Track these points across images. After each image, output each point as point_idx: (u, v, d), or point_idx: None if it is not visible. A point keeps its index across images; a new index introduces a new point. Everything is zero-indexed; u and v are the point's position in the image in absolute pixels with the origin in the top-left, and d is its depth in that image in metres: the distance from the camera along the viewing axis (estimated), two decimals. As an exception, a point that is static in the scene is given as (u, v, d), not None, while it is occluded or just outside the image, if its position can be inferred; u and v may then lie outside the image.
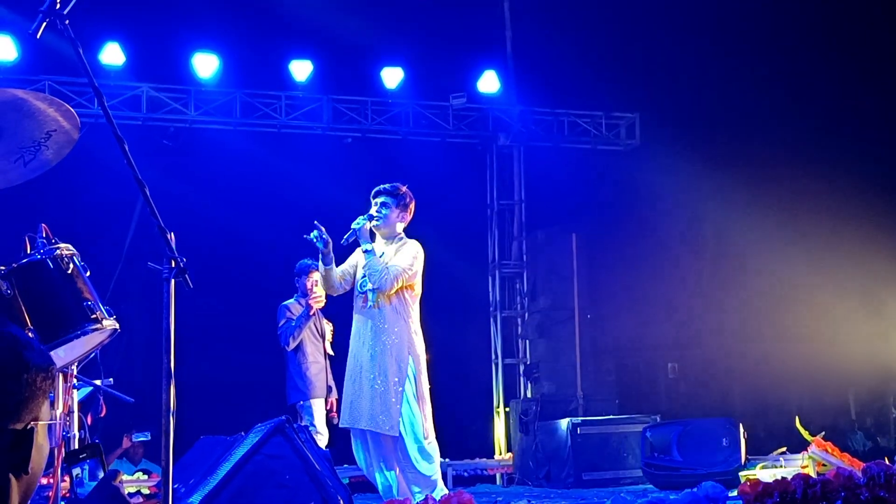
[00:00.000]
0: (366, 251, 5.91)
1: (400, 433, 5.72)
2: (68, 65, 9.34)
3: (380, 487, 5.88)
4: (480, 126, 11.08)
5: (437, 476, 5.84)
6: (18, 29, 9.44)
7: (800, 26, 10.88)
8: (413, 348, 5.90)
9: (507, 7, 11.19)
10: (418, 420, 5.77)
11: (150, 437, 9.12)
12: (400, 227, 6.08)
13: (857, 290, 11.05)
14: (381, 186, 6.04)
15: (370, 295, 5.90)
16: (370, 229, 6.02)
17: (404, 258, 5.91)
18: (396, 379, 5.77)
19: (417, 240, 6.03)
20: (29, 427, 1.51)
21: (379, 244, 6.04)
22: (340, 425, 6.00)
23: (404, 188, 6.07)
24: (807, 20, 10.80)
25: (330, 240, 5.97)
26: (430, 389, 6.01)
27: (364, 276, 5.95)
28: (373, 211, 5.99)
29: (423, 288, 6.09)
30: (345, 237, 5.94)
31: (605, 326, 10.67)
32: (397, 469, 5.78)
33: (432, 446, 5.83)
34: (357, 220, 5.94)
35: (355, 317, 6.02)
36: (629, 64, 11.16)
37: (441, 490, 5.66)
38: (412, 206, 6.10)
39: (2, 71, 9.59)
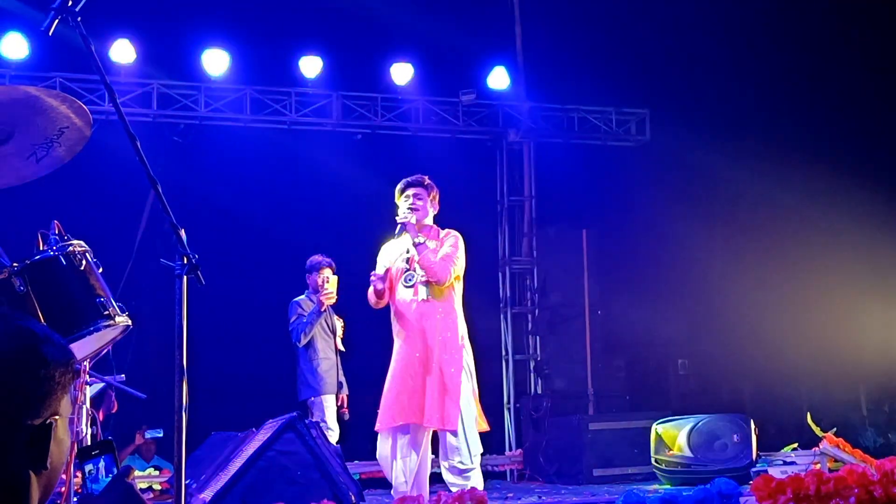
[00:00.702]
0: (418, 244, 5.77)
1: (456, 430, 5.59)
2: (79, 61, 9.34)
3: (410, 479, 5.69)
4: (490, 122, 11.07)
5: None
6: (30, 25, 9.47)
7: (812, 21, 10.83)
8: (465, 340, 5.84)
9: (516, 3, 11.17)
10: (474, 415, 5.69)
11: (162, 434, 9.16)
12: (432, 217, 6.00)
13: (870, 285, 11.01)
14: (410, 179, 5.94)
15: (422, 288, 5.77)
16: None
17: (451, 248, 5.83)
18: (453, 370, 5.65)
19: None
20: (48, 422, 1.51)
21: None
22: (389, 425, 5.66)
23: (428, 178, 6.00)
24: (820, 15, 10.75)
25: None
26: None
27: (407, 270, 5.81)
28: (409, 205, 5.85)
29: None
30: (396, 232, 5.84)
31: (616, 323, 10.67)
32: (446, 464, 5.65)
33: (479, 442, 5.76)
34: (401, 214, 5.82)
35: (400, 312, 5.83)
36: (640, 60, 11.13)
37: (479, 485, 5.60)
38: (438, 196, 6.04)
39: (13, 68, 9.62)
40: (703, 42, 10.94)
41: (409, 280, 5.78)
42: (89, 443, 3.89)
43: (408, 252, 5.85)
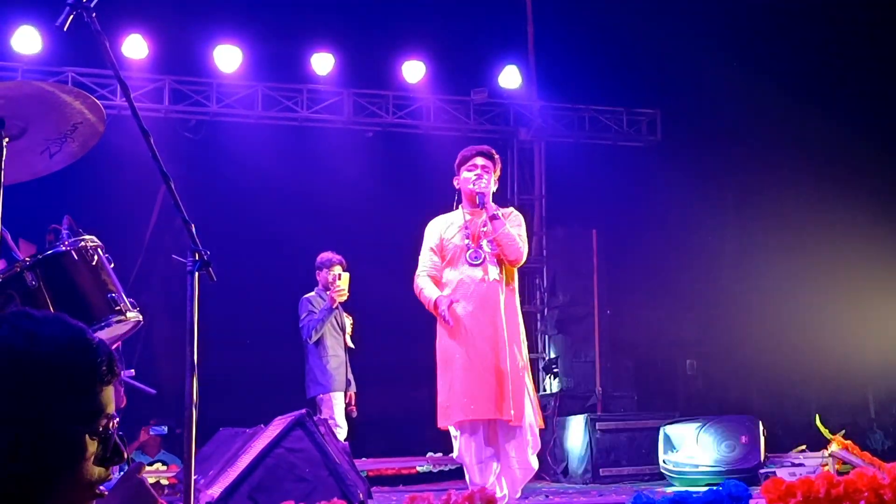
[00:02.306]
0: (495, 217, 5.25)
1: (536, 425, 5.22)
2: (91, 56, 9.39)
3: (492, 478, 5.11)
4: (501, 121, 11.07)
5: None
6: (43, 20, 9.50)
7: (824, 21, 10.80)
8: (524, 328, 5.39)
9: (529, 2, 11.17)
10: (536, 407, 5.26)
11: (166, 432, 9.18)
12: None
13: (879, 287, 10.97)
14: (480, 148, 5.48)
15: (492, 268, 5.24)
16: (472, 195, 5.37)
17: (520, 227, 5.37)
18: (523, 364, 5.22)
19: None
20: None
21: (474, 214, 5.41)
22: (469, 417, 5.10)
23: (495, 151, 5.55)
24: (832, 15, 10.71)
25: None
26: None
27: (470, 246, 5.28)
28: (477, 174, 5.33)
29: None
30: (478, 203, 5.27)
31: (625, 323, 10.66)
32: (512, 460, 5.17)
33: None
34: (479, 183, 5.30)
35: (464, 293, 5.24)
36: (651, 60, 11.11)
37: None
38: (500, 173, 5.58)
39: (26, 62, 9.65)
40: (714, 43, 10.91)
41: (477, 258, 5.25)
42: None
43: (467, 228, 5.34)
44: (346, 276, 7.40)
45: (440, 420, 5.20)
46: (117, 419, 1.59)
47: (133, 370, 6.13)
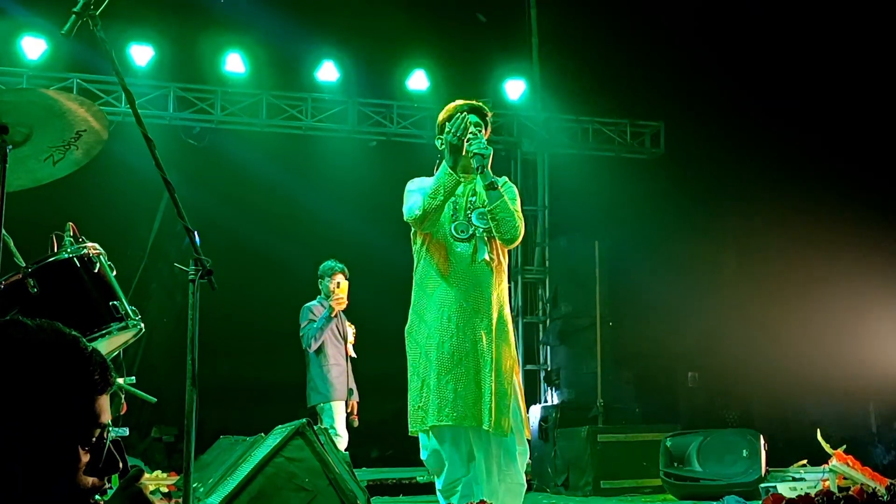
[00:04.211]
0: (493, 187, 4.29)
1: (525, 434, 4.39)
2: (96, 62, 9.43)
3: (482, 495, 4.26)
4: (505, 132, 11.10)
5: None
6: (48, 27, 9.53)
7: (828, 37, 10.82)
8: (511, 325, 4.50)
9: (533, 15, 11.20)
10: (524, 415, 4.40)
11: (128, 433, 9.15)
12: None
13: (880, 301, 10.96)
14: (474, 103, 4.47)
15: (481, 245, 4.35)
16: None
17: (517, 202, 4.46)
18: (512, 362, 4.37)
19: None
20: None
21: (462, 180, 4.42)
22: (444, 423, 4.25)
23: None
24: (836, 32, 10.73)
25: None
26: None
27: (457, 218, 4.39)
28: (472, 132, 4.32)
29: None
30: (476, 167, 4.27)
31: (627, 334, 10.65)
32: (499, 476, 4.30)
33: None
34: (479, 144, 4.29)
35: (448, 274, 4.35)
36: (654, 73, 11.14)
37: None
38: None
39: (31, 68, 9.68)
40: (717, 56, 10.94)
41: (463, 231, 4.37)
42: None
43: (459, 195, 4.43)
44: (345, 284, 7.39)
45: (411, 424, 4.37)
46: (111, 429, 1.57)
47: (134, 377, 6.12)
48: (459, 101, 4.47)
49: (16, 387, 1.48)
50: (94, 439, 1.55)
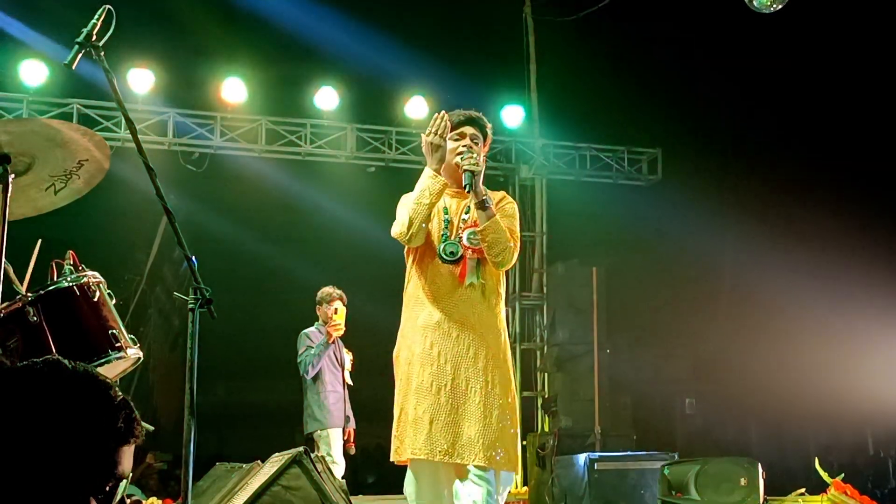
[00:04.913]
0: (484, 206, 4.00)
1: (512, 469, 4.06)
2: (97, 89, 9.46)
3: None
4: (503, 158, 11.13)
5: None
6: (48, 52, 9.57)
7: (823, 66, 10.88)
8: (509, 350, 4.23)
9: (530, 41, 11.27)
10: (515, 451, 4.06)
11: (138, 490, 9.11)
12: None
13: (878, 329, 10.97)
14: (471, 114, 4.26)
15: (474, 267, 4.06)
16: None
17: (511, 220, 4.18)
18: (510, 391, 4.08)
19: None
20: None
21: (456, 197, 4.20)
22: (405, 457, 4.06)
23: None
24: (830, 57, 10.80)
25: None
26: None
27: (447, 238, 4.10)
28: (464, 145, 4.12)
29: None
30: (465, 184, 4.00)
31: (624, 360, 10.64)
32: None
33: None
34: (471, 160, 4.03)
35: (433, 298, 4.08)
36: (651, 99, 11.20)
37: None
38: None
39: (31, 94, 9.71)
40: (714, 83, 11.00)
41: (451, 253, 4.07)
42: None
43: (447, 212, 4.18)
44: (342, 310, 7.38)
45: (392, 453, 4.13)
46: (125, 482, 1.56)
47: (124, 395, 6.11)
48: (457, 111, 4.27)
49: (40, 427, 1.47)
50: (107, 488, 1.54)
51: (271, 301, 10.10)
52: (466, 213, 4.14)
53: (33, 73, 9.65)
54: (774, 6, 6.74)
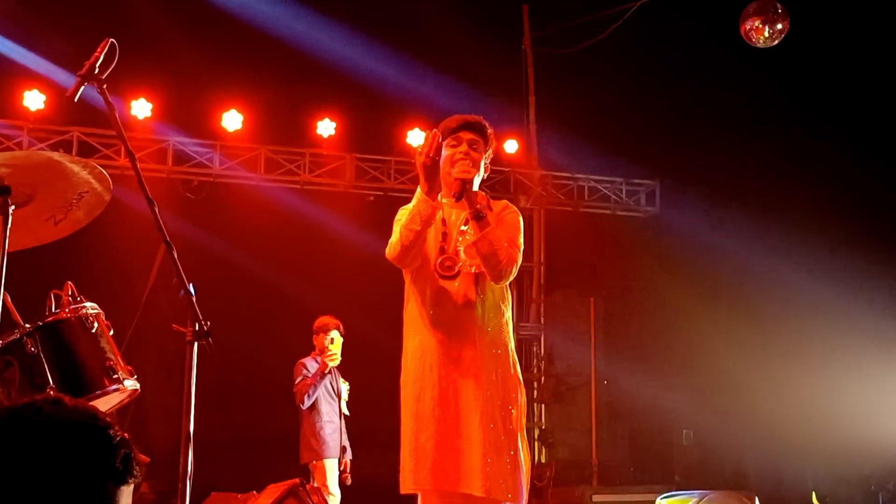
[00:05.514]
0: (478, 216, 3.79)
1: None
2: (97, 116, 9.48)
3: None
4: (501, 188, 11.16)
5: None
6: (49, 79, 9.60)
7: (821, 93, 10.94)
8: (518, 368, 3.98)
9: (529, 73, 11.34)
10: (524, 477, 3.88)
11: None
12: (480, 180, 4.05)
13: (877, 362, 10.96)
14: (470, 119, 4.05)
15: (473, 282, 3.88)
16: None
17: (515, 229, 3.96)
18: (514, 416, 3.87)
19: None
20: None
21: (455, 208, 3.98)
22: (409, 490, 3.88)
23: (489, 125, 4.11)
24: (829, 89, 10.85)
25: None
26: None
27: (445, 254, 3.92)
28: (462, 153, 3.93)
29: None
30: (455, 193, 3.83)
31: (621, 392, 10.63)
32: None
33: None
34: (463, 167, 3.86)
35: (432, 318, 3.87)
36: (650, 131, 11.25)
37: None
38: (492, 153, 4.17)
39: (31, 121, 9.73)
40: (712, 115, 11.06)
41: (450, 268, 3.88)
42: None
43: (445, 224, 3.98)
44: (339, 340, 7.37)
45: (401, 485, 3.90)
46: None
47: (126, 434, 6.08)
48: (455, 116, 4.07)
49: (38, 467, 1.47)
50: None
51: (269, 330, 10.07)
52: (465, 225, 3.92)
53: (33, 100, 9.68)
54: (771, 42, 6.81)
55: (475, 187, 3.94)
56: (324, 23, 10.06)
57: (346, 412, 7.53)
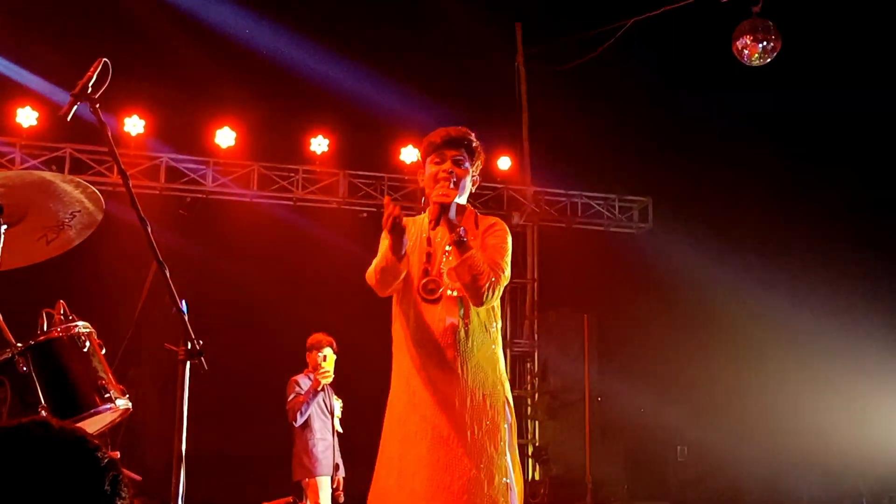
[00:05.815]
0: (460, 241, 3.66)
1: None
2: (89, 133, 9.47)
3: None
4: (495, 205, 11.17)
5: None
6: (41, 96, 9.60)
7: (815, 105, 10.98)
8: (506, 388, 3.83)
9: (522, 90, 11.37)
10: (519, 498, 3.75)
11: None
12: (467, 195, 3.93)
13: (871, 378, 10.97)
14: (453, 133, 3.93)
15: (453, 306, 3.75)
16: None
17: (501, 247, 3.80)
18: (503, 436, 3.72)
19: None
20: None
21: (441, 227, 3.82)
22: None
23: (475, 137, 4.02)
24: (823, 100, 10.89)
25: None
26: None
27: (429, 275, 3.81)
28: (445, 171, 3.82)
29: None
30: (432, 220, 3.75)
31: (616, 408, 10.61)
32: None
33: None
34: (440, 190, 3.74)
35: (415, 340, 3.78)
36: (642, 148, 11.28)
37: None
38: (482, 166, 4.08)
39: (24, 138, 9.72)
40: (704, 132, 11.10)
41: (433, 290, 3.77)
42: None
43: (429, 245, 3.88)
44: (332, 357, 7.34)
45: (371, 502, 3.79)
46: None
47: (118, 452, 6.05)
48: (438, 130, 3.94)
49: (26, 491, 1.46)
50: None
51: (262, 346, 10.05)
52: (451, 246, 3.76)
53: (26, 116, 9.68)
54: (764, 60, 6.84)
55: (463, 200, 3.86)
56: (317, 41, 10.09)
57: (340, 430, 7.49)
